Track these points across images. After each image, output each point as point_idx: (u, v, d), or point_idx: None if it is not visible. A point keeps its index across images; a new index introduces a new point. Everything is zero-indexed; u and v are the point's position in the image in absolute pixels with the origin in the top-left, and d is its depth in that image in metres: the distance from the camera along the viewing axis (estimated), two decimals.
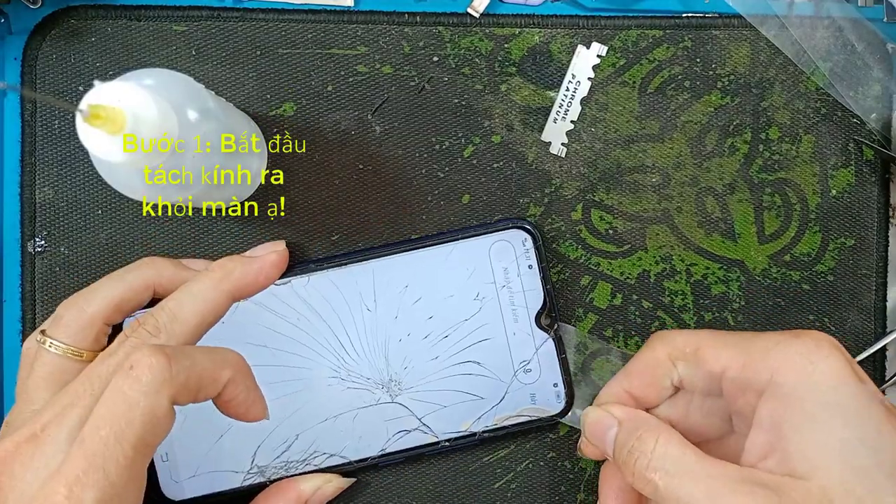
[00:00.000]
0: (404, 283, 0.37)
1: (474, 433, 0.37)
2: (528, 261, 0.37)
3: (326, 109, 0.39)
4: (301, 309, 0.37)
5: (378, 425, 0.37)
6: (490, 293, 0.37)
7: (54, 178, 0.38)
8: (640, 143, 0.39)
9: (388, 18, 0.39)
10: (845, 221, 0.40)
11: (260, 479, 0.37)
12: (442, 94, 0.39)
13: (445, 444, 0.37)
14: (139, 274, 0.33)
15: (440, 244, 0.37)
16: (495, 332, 0.37)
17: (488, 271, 0.37)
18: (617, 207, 0.39)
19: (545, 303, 0.37)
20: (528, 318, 0.37)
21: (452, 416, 0.37)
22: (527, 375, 0.37)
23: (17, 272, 0.39)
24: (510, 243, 0.37)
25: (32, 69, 0.38)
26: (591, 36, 0.39)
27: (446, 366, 0.37)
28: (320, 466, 0.37)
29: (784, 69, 0.39)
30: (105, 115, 0.26)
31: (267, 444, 0.37)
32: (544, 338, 0.37)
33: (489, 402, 0.37)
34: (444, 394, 0.37)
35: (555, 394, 0.38)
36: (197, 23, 0.38)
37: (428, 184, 0.39)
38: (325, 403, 0.37)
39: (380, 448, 0.37)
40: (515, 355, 0.37)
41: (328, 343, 0.37)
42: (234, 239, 0.39)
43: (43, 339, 0.31)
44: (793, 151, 0.39)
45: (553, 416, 0.38)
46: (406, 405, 0.37)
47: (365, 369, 0.37)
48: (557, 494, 0.39)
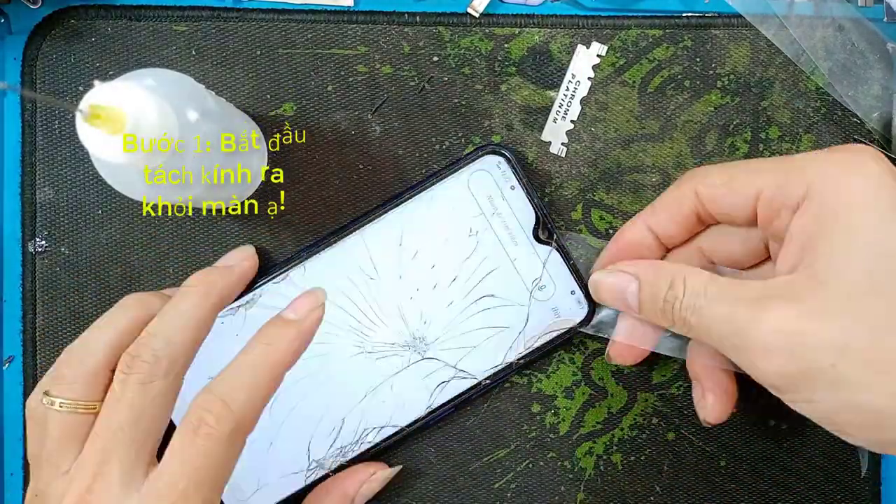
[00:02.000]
0: (397, 242, 0.37)
1: (510, 363, 0.38)
2: (509, 182, 0.37)
3: (326, 109, 0.39)
4: None
5: (417, 385, 0.37)
6: (482, 225, 0.37)
7: (55, 179, 0.38)
8: (640, 143, 0.39)
9: (388, 18, 0.39)
10: None
11: (322, 472, 0.37)
12: (442, 94, 0.39)
13: (486, 381, 0.37)
14: (129, 314, 0.32)
15: (418, 193, 0.37)
16: (499, 261, 0.37)
17: (473, 204, 0.37)
18: (617, 207, 0.39)
19: (537, 217, 0.37)
20: (527, 237, 0.37)
21: (485, 354, 0.37)
22: (542, 292, 0.37)
23: (18, 272, 0.39)
24: (486, 171, 0.37)
25: (32, 69, 0.38)
26: (590, 36, 0.39)
27: (463, 307, 0.37)
28: (374, 442, 0.37)
29: (784, 69, 0.39)
30: (105, 115, 0.26)
31: (317, 437, 0.37)
32: (548, 250, 0.37)
33: (515, 329, 0.37)
34: (470, 335, 0.37)
35: (575, 301, 0.37)
36: (197, 23, 0.38)
37: None
38: (359, 381, 0.37)
39: (425, 406, 0.37)
40: (526, 276, 0.37)
41: (344, 322, 0.37)
42: (234, 239, 0.39)
43: (51, 401, 0.30)
44: (793, 151, 0.39)
45: (581, 321, 0.38)
46: (437, 357, 0.37)
47: (387, 336, 0.37)
48: (557, 494, 0.39)
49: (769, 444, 0.39)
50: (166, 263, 0.39)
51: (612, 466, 0.39)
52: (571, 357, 0.39)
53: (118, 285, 0.38)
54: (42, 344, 0.38)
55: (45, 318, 0.38)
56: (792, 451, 0.40)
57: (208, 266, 0.38)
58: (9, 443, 0.39)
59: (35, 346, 0.38)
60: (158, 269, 0.39)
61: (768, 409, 0.39)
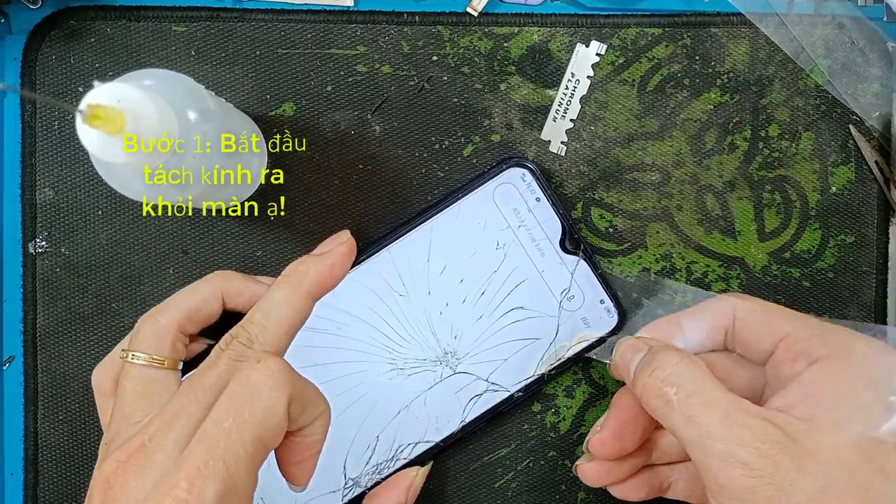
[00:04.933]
0: (425, 258, 0.37)
1: (542, 374, 0.38)
2: (534, 194, 0.37)
3: (326, 109, 0.39)
4: (337, 317, 0.37)
5: (449, 399, 0.37)
6: (509, 238, 0.37)
7: (55, 179, 0.38)
8: (640, 141, 0.39)
9: (387, 18, 0.39)
10: (845, 218, 0.40)
11: (358, 490, 0.37)
12: (441, 93, 0.39)
13: (519, 394, 0.38)
14: (208, 284, 0.34)
15: (444, 209, 0.38)
16: (527, 273, 0.37)
17: (500, 217, 0.37)
18: (617, 205, 0.39)
19: (563, 227, 0.37)
20: (553, 248, 0.37)
21: (516, 366, 0.38)
22: (571, 303, 0.38)
23: (18, 273, 0.39)
24: (511, 184, 0.37)
25: (32, 70, 0.38)
26: (590, 34, 0.39)
27: (493, 321, 0.38)
28: (409, 458, 0.37)
29: (783, 66, 0.39)
30: (105, 115, 0.26)
31: (352, 455, 0.37)
32: (575, 261, 0.37)
33: (545, 340, 0.38)
34: (501, 348, 0.38)
35: (605, 310, 0.38)
36: (196, 23, 0.38)
37: (428, 183, 0.39)
38: (392, 397, 0.37)
39: (459, 420, 0.38)
40: (554, 287, 0.38)
41: (374, 339, 0.37)
42: (234, 239, 0.39)
43: (126, 354, 0.32)
44: (792, 149, 0.39)
45: (611, 331, 0.38)
46: (469, 371, 0.38)
47: (418, 352, 0.37)
48: (557, 494, 0.39)
49: None
50: (166, 264, 0.39)
51: None
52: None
53: (118, 286, 0.38)
54: (42, 344, 0.38)
55: (45, 318, 0.38)
56: None
57: (205, 266, 0.39)
58: (9, 443, 0.39)
59: (35, 346, 0.38)
60: (158, 270, 0.39)
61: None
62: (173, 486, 0.25)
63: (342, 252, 0.35)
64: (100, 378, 0.34)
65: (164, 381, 0.31)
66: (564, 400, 0.39)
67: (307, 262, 0.34)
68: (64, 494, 0.39)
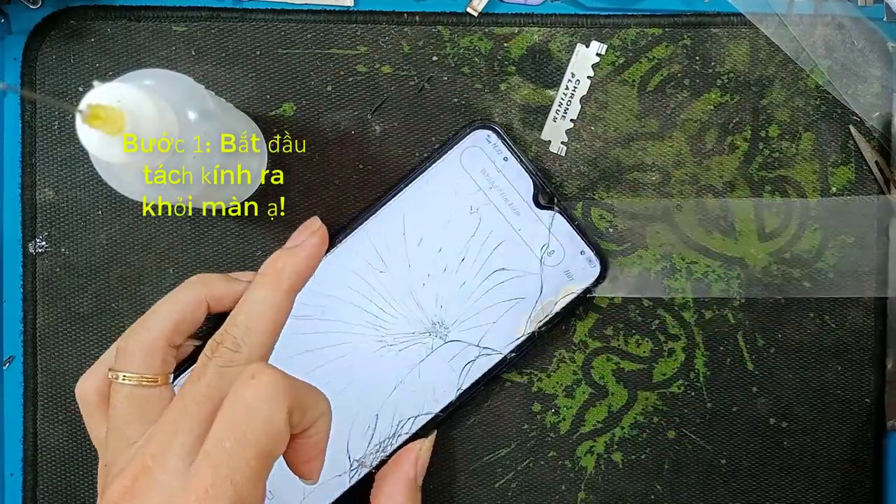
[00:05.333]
0: (401, 232, 0.37)
1: (532, 332, 0.38)
2: (501, 154, 0.37)
3: (326, 109, 0.39)
4: (320, 301, 0.37)
5: (443, 369, 0.38)
6: (481, 200, 0.38)
7: (55, 179, 0.38)
8: (640, 142, 0.39)
9: (387, 18, 0.39)
10: (845, 219, 0.40)
11: (364, 471, 0.37)
12: (441, 93, 0.39)
13: (512, 355, 0.38)
14: (190, 292, 0.34)
15: (413, 180, 0.38)
16: (504, 233, 0.38)
17: (470, 182, 0.37)
18: (617, 206, 0.39)
19: (535, 183, 0.37)
20: (527, 205, 0.37)
21: (506, 328, 0.38)
22: (552, 257, 0.38)
23: (18, 273, 0.39)
24: (477, 146, 0.37)
25: (32, 69, 0.38)
26: (590, 35, 0.39)
27: (476, 285, 0.38)
28: (412, 432, 0.37)
29: (784, 67, 0.39)
30: (104, 115, 0.26)
31: (354, 437, 0.37)
32: (551, 215, 0.37)
33: (531, 298, 0.38)
34: (488, 312, 0.38)
35: (586, 260, 0.38)
36: (196, 23, 0.38)
37: None
38: (385, 374, 0.38)
39: (455, 389, 0.38)
40: (533, 244, 0.38)
41: (360, 319, 0.37)
42: (234, 239, 0.39)
43: (114, 374, 0.31)
44: (793, 149, 0.39)
45: (596, 280, 0.38)
46: (459, 339, 0.38)
47: (405, 326, 0.38)
48: (557, 494, 0.39)
49: (769, 444, 0.39)
50: (166, 264, 0.39)
51: (612, 465, 0.39)
52: (572, 356, 0.39)
53: (118, 286, 0.38)
54: (42, 344, 0.38)
55: (45, 319, 0.38)
56: (792, 450, 0.39)
57: (205, 267, 0.39)
58: (9, 443, 0.39)
59: (35, 346, 0.38)
60: (158, 270, 0.39)
61: (768, 407, 0.39)
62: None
63: (315, 242, 0.35)
64: (85, 390, 0.33)
65: (159, 398, 0.31)
66: (564, 400, 0.39)
67: (282, 257, 0.33)
68: (63, 495, 0.39)
